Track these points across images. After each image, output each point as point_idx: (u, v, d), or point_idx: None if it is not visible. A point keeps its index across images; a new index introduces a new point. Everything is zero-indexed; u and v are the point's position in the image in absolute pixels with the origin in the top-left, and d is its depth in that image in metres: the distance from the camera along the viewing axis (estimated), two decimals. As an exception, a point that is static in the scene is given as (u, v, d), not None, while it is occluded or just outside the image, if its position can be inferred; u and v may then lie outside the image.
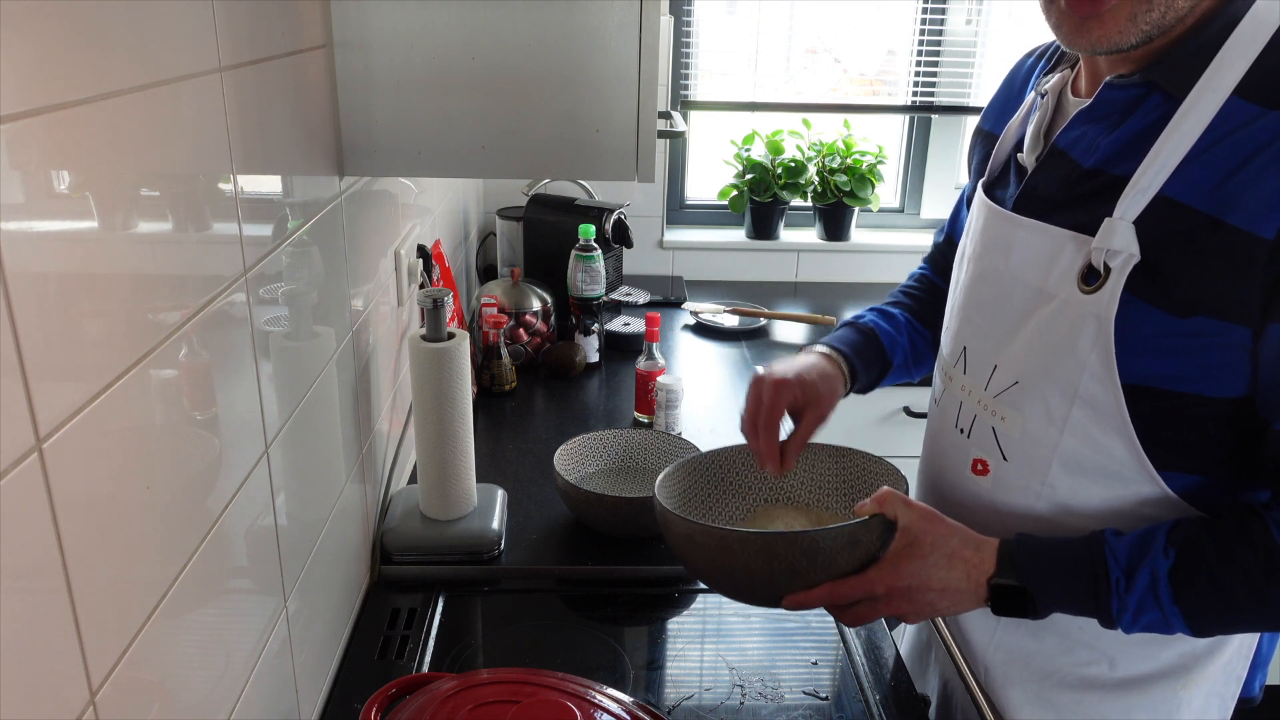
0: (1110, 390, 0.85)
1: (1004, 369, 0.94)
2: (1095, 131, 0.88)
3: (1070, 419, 0.88)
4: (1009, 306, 0.94)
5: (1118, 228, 0.82)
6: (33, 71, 0.50)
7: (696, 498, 1.12)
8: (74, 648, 0.54)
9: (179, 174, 0.68)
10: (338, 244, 1.09)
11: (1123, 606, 0.83)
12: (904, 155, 2.80)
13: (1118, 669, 0.96)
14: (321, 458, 1.05)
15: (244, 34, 0.79)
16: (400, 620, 1.19)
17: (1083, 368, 0.86)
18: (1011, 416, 0.93)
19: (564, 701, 0.81)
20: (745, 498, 1.15)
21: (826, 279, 2.73)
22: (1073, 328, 0.86)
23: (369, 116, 1.06)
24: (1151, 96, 0.84)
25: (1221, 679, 0.97)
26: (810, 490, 1.14)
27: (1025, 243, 0.92)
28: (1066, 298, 0.87)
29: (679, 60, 2.58)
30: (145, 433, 0.63)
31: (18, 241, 0.49)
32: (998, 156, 1.02)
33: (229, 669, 0.78)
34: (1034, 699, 1.01)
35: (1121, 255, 0.82)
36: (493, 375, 1.86)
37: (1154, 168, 0.81)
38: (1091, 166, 0.87)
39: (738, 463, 1.15)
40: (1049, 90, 0.96)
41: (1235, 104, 0.78)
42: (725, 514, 1.13)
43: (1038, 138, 0.95)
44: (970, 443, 0.99)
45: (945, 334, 1.07)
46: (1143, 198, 0.81)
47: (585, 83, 1.05)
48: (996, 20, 2.57)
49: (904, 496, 0.92)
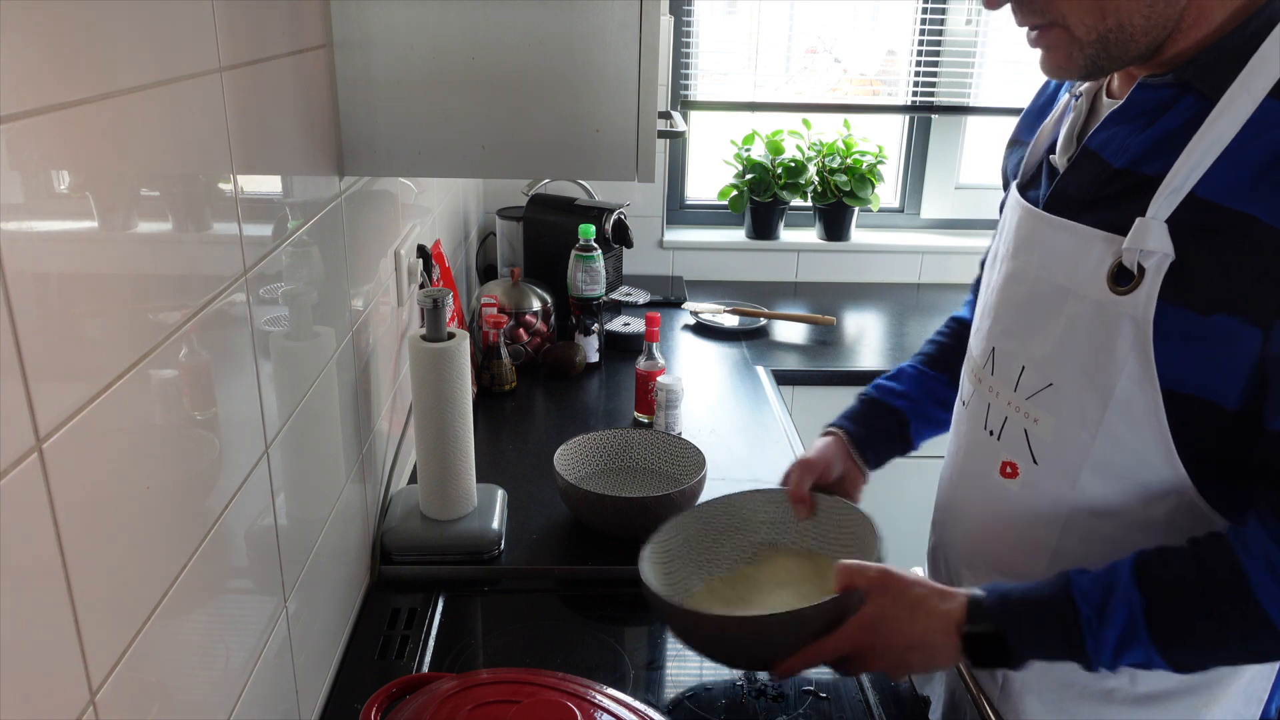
0: (1149, 393, 0.84)
1: (1033, 370, 0.94)
2: (1126, 132, 0.88)
3: (1105, 423, 0.88)
4: (1038, 306, 0.93)
5: (1151, 227, 0.81)
6: (33, 71, 0.50)
7: (699, 544, 1.15)
8: (74, 648, 0.54)
9: (179, 174, 0.68)
10: (338, 244, 1.09)
11: (1099, 645, 0.82)
12: (904, 155, 2.80)
13: (1139, 684, 0.95)
14: (321, 458, 1.05)
15: (244, 34, 0.79)
16: (400, 620, 1.19)
17: (1120, 370, 0.85)
18: (1044, 419, 0.93)
19: (564, 701, 0.81)
20: (748, 538, 1.17)
21: (826, 279, 2.73)
22: (1109, 329, 0.85)
23: (369, 116, 1.06)
24: (1184, 97, 0.84)
25: (1242, 700, 0.96)
26: (802, 536, 1.17)
27: (1055, 241, 0.92)
28: (1099, 298, 0.86)
29: (679, 60, 2.58)
30: (145, 433, 0.63)
31: (18, 241, 0.49)
32: (1031, 159, 1.02)
33: (229, 669, 0.78)
34: (1053, 708, 1.00)
35: (1156, 255, 0.81)
36: (493, 375, 1.86)
37: (1187, 167, 0.80)
38: (1122, 166, 0.87)
39: (735, 509, 1.18)
40: (1083, 93, 0.96)
41: (1271, 105, 0.78)
42: (728, 558, 1.16)
43: (1070, 139, 0.95)
44: (1000, 445, 0.98)
45: (975, 336, 1.06)
46: (1175, 197, 0.81)
47: (585, 83, 1.05)
48: (996, 20, 2.57)
49: (858, 564, 0.93)
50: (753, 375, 2.05)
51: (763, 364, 2.12)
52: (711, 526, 1.16)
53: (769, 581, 1.11)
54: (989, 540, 1.01)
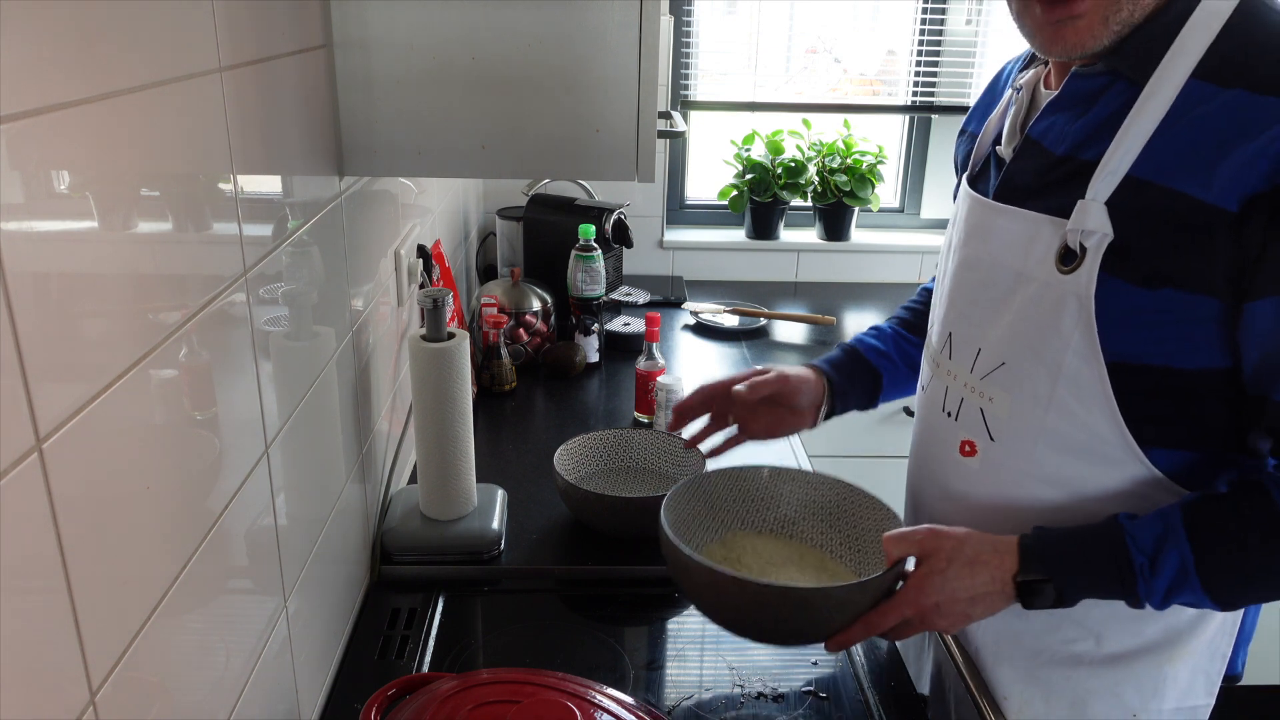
0: (1094, 366, 0.88)
1: (988, 351, 0.97)
2: (1064, 120, 0.92)
3: (1055, 397, 0.91)
4: (991, 291, 0.97)
5: (1090, 209, 0.86)
6: (33, 71, 0.50)
7: (679, 524, 1.11)
8: (74, 648, 0.54)
9: (179, 174, 0.68)
10: (338, 244, 1.09)
11: (1150, 590, 0.86)
12: (904, 155, 2.80)
13: (1104, 645, 0.98)
14: (321, 458, 1.05)
15: (244, 34, 0.79)
16: (400, 620, 1.19)
17: (1066, 345, 0.89)
18: (999, 397, 0.96)
19: (564, 701, 0.81)
20: (723, 522, 1.16)
21: (826, 279, 2.73)
22: (1054, 307, 0.89)
23: (369, 116, 1.06)
24: (1115, 84, 0.88)
25: (1206, 655, 0.99)
26: (791, 518, 1.17)
27: (1004, 229, 0.95)
28: (1046, 279, 0.90)
29: (679, 60, 2.58)
30: (145, 433, 0.63)
31: (18, 241, 0.49)
32: (979, 151, 1.06)
33: (229, 669, 0.78)
34: (1024, 676, 1.03)
35: (1096, 235, 0.86)
36: (493, 375, 1.86)
37: (1121, 150, 0.85)
38: (1063, 154, 0.91)
39: (720, 488, 1.17)
40: (1024, 85, 1.00)
41: (1194, 85, 0.82)
42: (699, 539, 1.13)
43: (1014, 130, 0.99)
44: (958, 425, 1.02)
45: (932, 324, 1.10)
46: (1112, 179, 0.85)
47: (585, 82, 1.05)
48: (996, 20, 2.57)
49: (901, 532, 0.95)
50: (753, 375, 2.05)
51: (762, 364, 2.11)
52: (710, 498, 1.17)
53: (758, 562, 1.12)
54: (955, 517, 1.02)
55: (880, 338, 1.27)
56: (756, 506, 1.18)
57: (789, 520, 1.17)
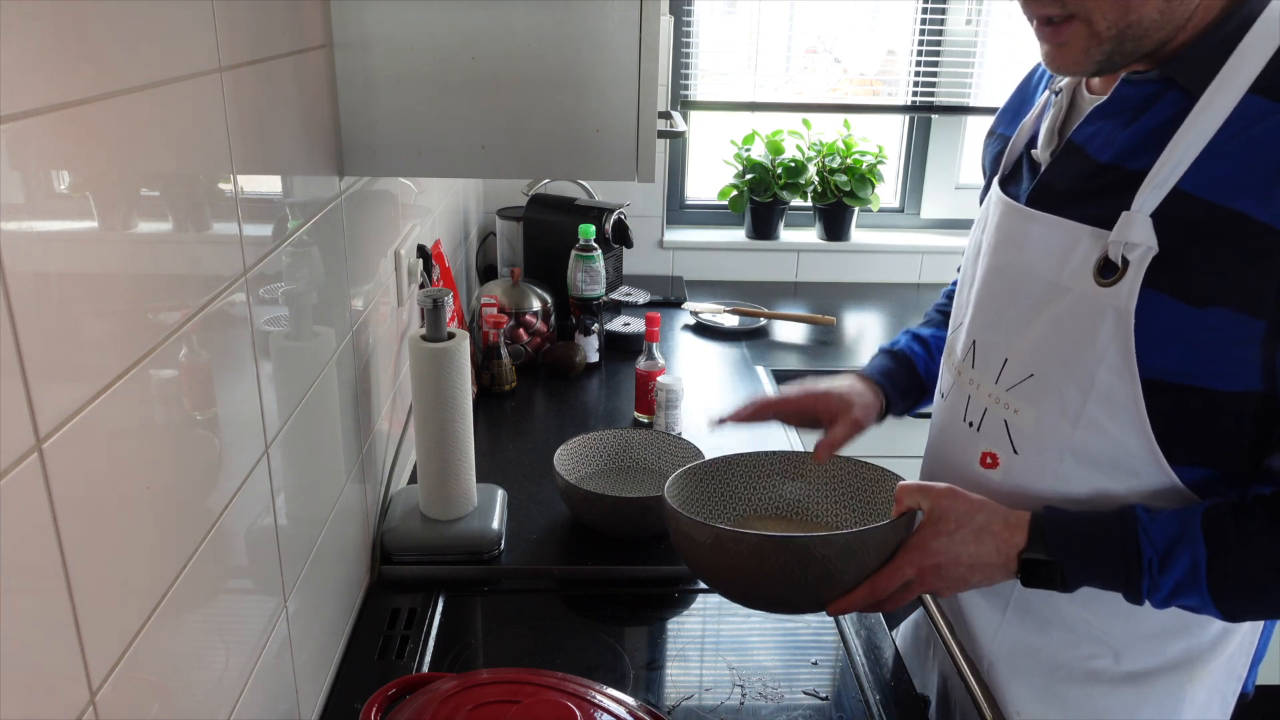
0: (1128, 383, 0.86)
1: (1015, 362, 0.95)
2: (1111, 127, 0.89)
3: (1085, 412, 0.89)
4: (1022, 300, 0.94)
5: (1136, 220, 0.83)
6: (33, 71, 0.50)
7: (687, 505, 1.12)
8: (74, 648, 0.54)
9: (179, 174, 0.68)
10: (338, 244, 1.09)
11: (1154, 586, 0.85)
12: (904, 155, 2.80)
13: (1123, 663, 0.96)
14: (321, 458, 1.05)
15: (244, 34, 0.79)
16: (400, 620, 1.19)
17: (1100, 360, 0.87)
18: (1025, 409, 0.94)
19: (564, 701, 0.81)
20: (732, 507, 1.16)
21: (826, 279, 2.73)
22: (1091, 321, 0.87)
23: (369, 116, 1.06)
24: (1168, 93, 0.85)
25: (1224, 676, 0.97)
26: (803, 501, 1.16)
27: (1039, 236, 0.93)
28: (1083, 291, 0.87)
29: (679, 60, 2.58)
30: (145, 433, 0.63)
31: (18, 241, 0.49)
32: (1011, 154, 1.03)
33: (229, 669, 0.78)
34: (1040, 693, 1.01)
35: (1140, 248, 0.83)
36: (493, 375, 1.86)
37: (1171, 162, 0.82)
38: (1107, 161, 0.88)
39: (732, 473, 1.17)
40: (1063, 88, 0.97)
41: (1251, 100, 0.80)
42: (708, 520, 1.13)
43: (1052, 134, 0.96)
44: (980, 436, 1.00)
45: (954, 331, 1.07)
46: (1160, 191, 0.82)
47: (585, 83, 1.05)
48: (996, 20, 2.57)
49: (920, 484, 0.94)
50: (753, 375, 2.06)
51: (763, 364, 2.12)
52: (721, 482, 1.17)
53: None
54: None
55: (926, 344, 1.24)
56: (766, 489, 1.17)
57: (800, 503, 1.16)
